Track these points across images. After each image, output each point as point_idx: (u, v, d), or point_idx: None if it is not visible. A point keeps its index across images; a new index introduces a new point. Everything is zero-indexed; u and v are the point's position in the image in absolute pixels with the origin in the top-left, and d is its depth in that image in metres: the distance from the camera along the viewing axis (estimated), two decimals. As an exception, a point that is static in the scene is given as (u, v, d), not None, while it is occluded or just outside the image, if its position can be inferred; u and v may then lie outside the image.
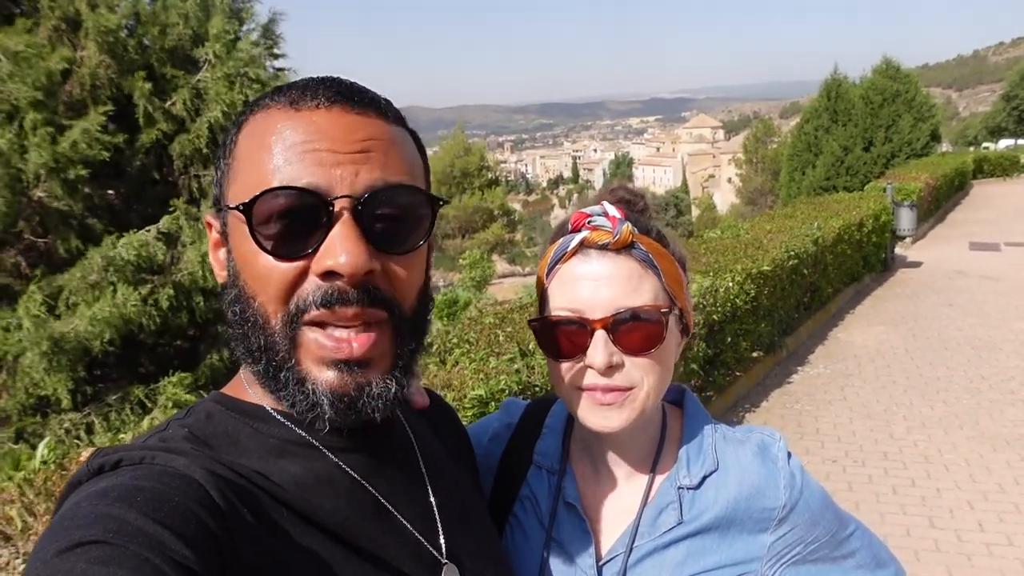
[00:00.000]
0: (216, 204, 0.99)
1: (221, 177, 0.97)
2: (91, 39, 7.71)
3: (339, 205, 0.87)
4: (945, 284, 13.01)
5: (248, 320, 0.91)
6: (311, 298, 0.88)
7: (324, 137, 0.89)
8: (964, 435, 6.94)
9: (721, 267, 7.46)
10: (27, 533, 2.94)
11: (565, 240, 1.26)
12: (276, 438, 0.95)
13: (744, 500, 1.26)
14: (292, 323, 0.89)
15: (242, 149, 0.94)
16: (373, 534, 0.97)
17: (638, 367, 1.21)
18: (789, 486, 1.27)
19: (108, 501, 0.75)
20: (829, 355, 9.50)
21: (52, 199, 7.45)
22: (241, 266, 0.92)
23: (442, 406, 1.36)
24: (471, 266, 27.75)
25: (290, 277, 0.88)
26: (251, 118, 0.96)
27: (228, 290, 0.95)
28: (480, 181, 43.92)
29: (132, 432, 3.91)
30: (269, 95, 0.97)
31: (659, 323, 1.21)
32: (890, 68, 26.03)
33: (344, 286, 0.87)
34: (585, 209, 1.26)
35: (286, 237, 0.87)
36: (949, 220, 20.87)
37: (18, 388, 7.03)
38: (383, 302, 0.91)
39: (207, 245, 1.07)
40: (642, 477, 1.32)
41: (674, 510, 1.26)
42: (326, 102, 0.92)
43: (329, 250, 0.87)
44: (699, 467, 1.28)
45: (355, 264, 0.86)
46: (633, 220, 1.25)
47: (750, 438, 1.33)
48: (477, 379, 4.13)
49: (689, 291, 1.33)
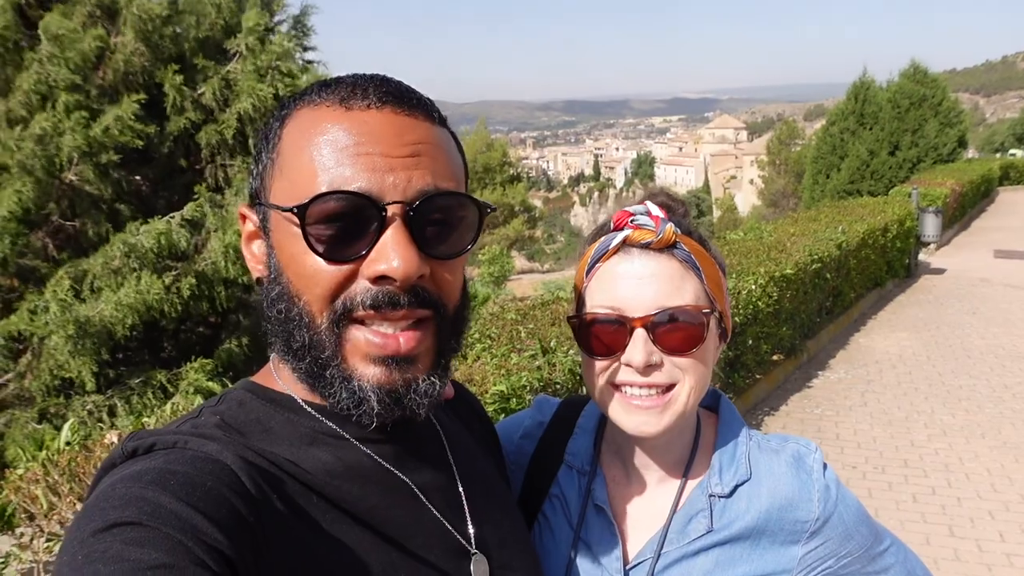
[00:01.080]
0: (255, 197, 0.99)
1: (263, 170, 0.96)
2: (129, 26, 7.77)
3: (391, 210, 0.88)
4: (969, 291, 12.89)
5: (293, 319, 0.91)
6: (360, 299, 0.89)
7: (376, 140, 0.89)
8: (986, 444, 6.88)
9: (744, 269, 7.42)
10: (51, 513, 2.98)
11: (607, 238, 1.25)
12: (306, 428, 0.96)
13: (776, 511, 1.24)
14: (339, 321, 0.90)
15: (288, 144, 0.93)
16: (403, 522, 0.97)
17: (677, 367, 1.20)
18: (823, 499, 1.25)
19: (142, 484, 0.76)
20: (850, 360, 9.43)
21: (83, 183, 7.52)
22: (285, 264, 0.92)
23: (465, 395, 1.36)
24: (490, 262, 27.79)
25: (339, 279, 0.89)
26: (296, 112, 0.95)
27: (270, 287, 0.95)
28: (502, 177, 43.89)
29: (155, 416, 3.94)
30: (315, 90, 0.96)
31: (700, 324, 1.20)
32: (918, 72, 25.75)
33: (395, 290, 0.88)
34: (628, 208, 1.26)
35: (337, 240, 0.88)
36: (974, 227, 20.67)
37: (43, 369, 7.10)
38: (429, 302, 0.92)
39: (232, 235, 1.07)
40: (673, 482, 1.31)
41: (704, 517, 1.25)
42: (377, 102, 0.92)
43: (382, 255, 0.87)
44: (731, 475, 1.27)
45: (408, 270, 0.87)
46: (675, 222, 1.24)
47: (785, 448, 1.31)
48: (498, 375, 4.13)
49: (728, 295, 1.32)
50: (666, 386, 1.21)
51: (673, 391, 1.21)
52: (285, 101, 1.00)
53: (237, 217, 1.05)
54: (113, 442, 3.27)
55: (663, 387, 1.21)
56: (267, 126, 0.99)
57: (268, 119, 1.00)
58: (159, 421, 3.71)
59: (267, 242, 0.96)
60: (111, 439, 3.40)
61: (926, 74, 25.72)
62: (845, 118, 26.16)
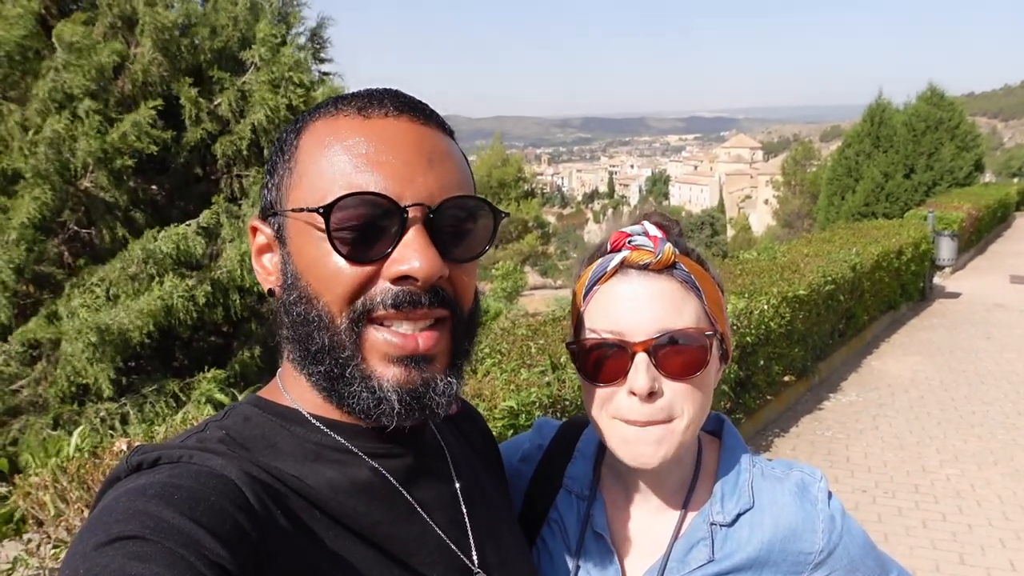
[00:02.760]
0: (268, 209, 0.99)
1: (279, 181, 0.97)
2: (147, 36, 7.86)
3: (412, 212, 0.90)
4: (984, 316, 12.79)
5: (312, 321, 0.92)
6: (380, 299, 0.90)
7: (395, 147, 0.91)
8: (998, 471, 6.81)
9: (756, 289, 7.40)
10: (58, 519, 2.99)
11: (604, 260, 1.22)
12: (312, 443, 0.96)
13: (779, 541, 1.21)
14: (358, 321, 0.91)
15: (305, 154, 0.94)
16: (406, 539, 0.97)
17: (679, 394, 1.17)
18: (828, 529, 1.22)
19: (146, 498, 0.76)
20: (862, 383, 9.37)
21: (98, 189, 7.59)
22: (304, 268, 0.93)
23: (471, 412, 1.36)
24: (503, 277, 27.79)
25: (361, 280, 0.90)
26: (312, 124, 0.96)
27: (287, 292, 0.95)
28: (516, 192, 43.98)
29: (165, 424, 3.96)
30: (332, 103, 0.97)
31: (703, 347, 1.17)
32: (935, 95, 25.67)
33: (416, 290, 0.90)
34: (625, 229, 1.23)
35: (360, 241, 0.89)
36: (990, 252, 20.53)
37: (59, 376, 7.15)
38: (447, 303, 0.94)
39: (247, 244, 1.08)
40: (674, 509, 1.28)
41: (705, 547, 1.22)
42: (394, 111, 0.94)
43: (404, 256, 0.89)
44: (733, 504, 1.24)
45: (430, 269, 0.89)
46: (672, 241, 1.21)
47: (789, 476, 1.28)
48: (508, 390, 4.13)
49: (728, 315, 1.30)
50: (668, 413, 1.17)
51: (673, 422, 1.18)
52: (300, 114, 1.01)
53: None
54: (123, 450, 3.28)
55: (665, 414, 1.17)
56: (282, 138, 1.00)
57: (283, 132, 1.01)
58: (169, 430, 3.73)
59: (282, 251, 0.97)
60: (120, 447, 3.41)
61: (943, 97, 25.64)
62: (861, 140, 26.09)
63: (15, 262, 7.08)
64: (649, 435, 1.17)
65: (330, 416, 0.97)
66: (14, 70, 7.46)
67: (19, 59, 7.42)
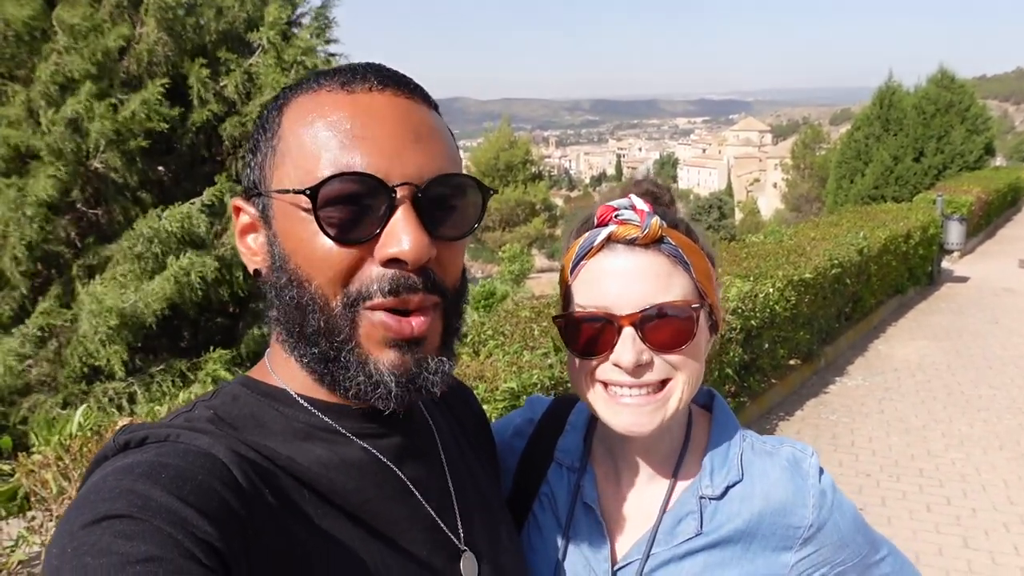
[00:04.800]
0: (252, 188, 0.97)
1: (262, 160, 0.95)
2: (151, 15, 7.85)
3: (400, 192, 0.88)
4: (992, 301, 12.73)
5: (306, 304, 0.91)
6: (376, 286, 0.89)
7: (381, 122, 0.90)
8: (1004, 456, 6.80)
9: (762, 272, 7.37)
10: (61, 497, 3.01)
11: (591, 235, 1.21)
12: (301, 422, 0.96)
13: (769, 515, 1.21)
14: (352, 306, 0.90)
15: (289, 131, 0.92)
16: (394, 517, 0.97)
17: (669, 363, 1.17)
18: (819, 504, 1.22)
19: (133, 477, 0.76)
20: (868, 367, 9.35)
21: (109, 170, 7.61)
22: (292, 250, 0.91)
23: (464, 393, 1.35)
24: (510, 259, 27.78)
25: (350, 262, 0.89)
26: (295, 100, 0.94)
27: (275, 275, 0.94)
28: (524, 175, 43.91)
29: (168, 404, 3.98)
30: (314, 78, 0.96)
31: (689, 319, 1.16)
32: (945, 78, 25.45)
33: (409, 274, 0.89)
34: (611, 202, 1.21)
35: (348, 222, 0.88)
36: (999, 236, 20.41)
37: (72, 356, 7.19)
38: (437, 287, 0.93)
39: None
40: (663, 481, 1.28)
41: (694, 520, 1.23)
42: (378, 85, 0.92)
43: (393, 237, 0.88)
44: (722, 477, 1.24)
45: (419, 251, 0.87)
46: (660, 214, 1.20)
47: (780, 451, 1.28)
48: (510, 372, 4.13)
49: (719, 287, 1.29)
50: (658, 384, 1.18)
51: (666, 388, 1.18)
52: (282, 91, 0.99)
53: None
54: (125, 427, 3.30)
55: (655, 385, 1.18)
56: (264, 116, 0.98)
57: (266, 109, 0.99)
58: (173, 409, 3.75)
59: (268, 232, 0.95)
60: (122, 425, 3.43)
61: (953, 80, 25.43)
62: (870, 123, 25.91)
63: (27, 239, 7.12)
64: (640, 403, 1.18)
65: (319, 397, 0.97)
66: (21, 50, 7.47)
67: (27, 39, 7.43)
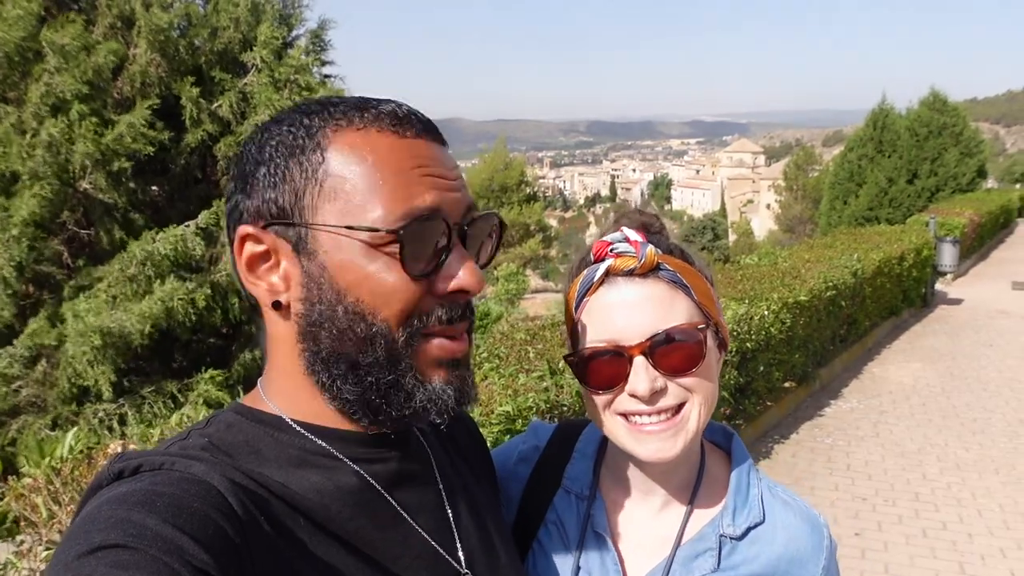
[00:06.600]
0: (279, 216, 0.94)
1: (299, 190, 0.93)
2: (143, 37, 7.87)
3: (455, 228, 0.96)
4: (986, 323, 12.77)
5: (371, 337, 0.93)
6: (437, 316, 0.96)
7: (434, 163, 0.96)
8: (999, 480, 6.78)
9: (757, 295, 7.37)
10: (51, 522, 2.98)
11: (590, 271, 1.23)
12: (296, 448, 0.96)
13: (786, 563, 1.23)
14: (415, 335, 0.95)
15: (341, 167, 0.92)
16: (389, 543, 0.98)
17: (683, 387, 1.19)
18: (827, 567, 1.26)
19: (128, 506, 0.76)
20: (863, 390, 9.35)
21: (97, 191, 7.59)
22: (353, 284, 0.92)
23: (460, 416, 1.34)
24: (505, 280, 27.78)
25: (419, 295, 0.94)
26: (340, 135, 0.93)
27: (324, 308, 0.93)
28: (519, 196, 43.99)
29: (160, 426, 3.94)
30: (352, 115, 0.95)
31: (697, 341, 1.18)
32: (937, 101, 25.67)
33: (462, 303, 0.98)
34: (605, 237, 1.25)
35: (420, 258, 0.93)
36: (992, 258, 20.52)
37: (60, 377, 7.15)
38: (473, 311, 1.02)
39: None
40: (677, 510, 1.29)
41: (711, 556, 1.23)
42: (421, 130, 0.98)
43: (457, 272, 0.96)
44: (744, 517, 1.25)
45: (480, 285, 0.97)
46: (654, 242, 1.23)
47: (796, 502, 1.31)
48: (505, 395, 4.11)
49: (720, 304, 1.31)
50: (675, 408, 1.19)
51: (683, 411, 1.20)
52: (309, 120, 0.96)
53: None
54: (117, 452, 3.27)
55: (672, 409, 1.19)
56: (289, 143, 0.95)
57: (286, 135, 0.96)
58: (165, 432, 3.72)
59: (306, 263, 0.93)
60: (115, 448, 3.40)
61: (945, 103, 25.65)
62: (863, 145, 26.09)
63: (16, 259, 7.09)
64: (661, 428, 1.19)
65: (316, 423, 0.97)
66: (13, 71, 7.47)
67: (18, 60, 7.43)
